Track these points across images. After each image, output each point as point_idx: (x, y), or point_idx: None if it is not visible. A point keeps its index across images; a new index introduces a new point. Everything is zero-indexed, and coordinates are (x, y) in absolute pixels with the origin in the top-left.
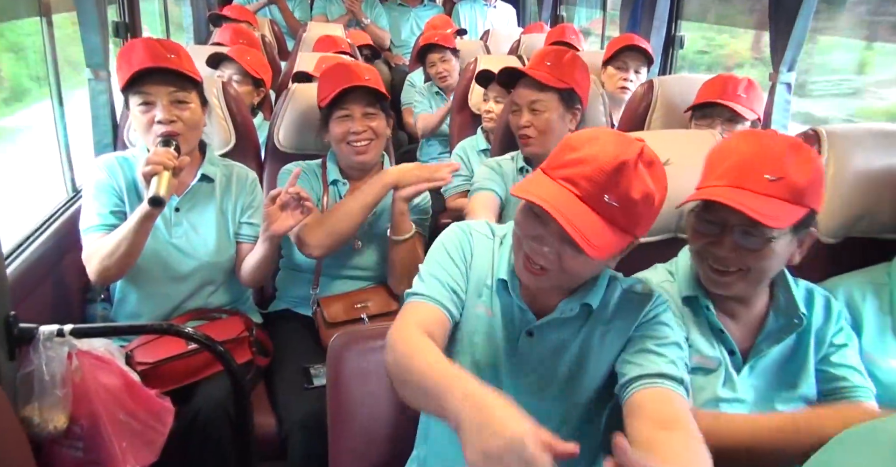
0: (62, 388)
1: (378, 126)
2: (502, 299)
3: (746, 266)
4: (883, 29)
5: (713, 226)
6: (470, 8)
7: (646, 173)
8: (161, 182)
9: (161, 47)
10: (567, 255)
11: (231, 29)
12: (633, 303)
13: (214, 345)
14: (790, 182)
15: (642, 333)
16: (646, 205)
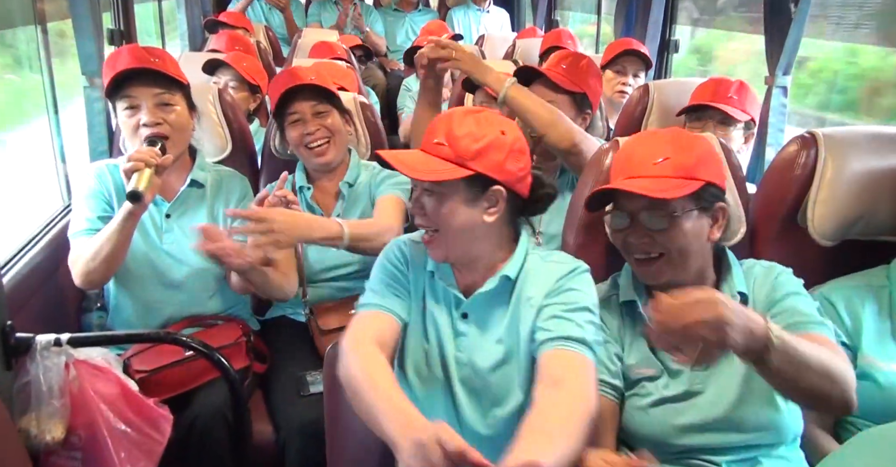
0: (60, 398)
1: (332, 123)
2: (437, 290)
3: (665, 249)
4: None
5: (622, 218)
6: (464, 13)
7: (472, 119)
8: (141, 178)
9: (146, 52)
10: (432, 205)
11: (227, 35)
12: (549, 273)
13: (212, 352)
14: (675, 160)
15: (553, 300)
16: (471, 139)
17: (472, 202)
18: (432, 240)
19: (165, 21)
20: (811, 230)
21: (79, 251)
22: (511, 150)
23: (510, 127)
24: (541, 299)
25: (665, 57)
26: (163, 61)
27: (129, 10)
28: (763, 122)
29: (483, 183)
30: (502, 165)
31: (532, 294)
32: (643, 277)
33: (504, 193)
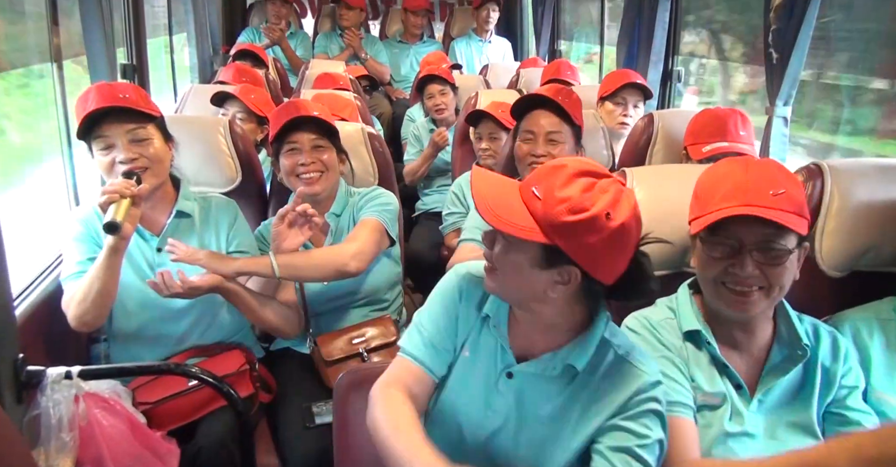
0: (69, 432)
1: (328, 159)
2: (485, 338)
3: (768, 282)
4: None
5: (728, 248)
6: (466, 44)
7: (583, 183)
8: (118, 209)
9: (113, 89)
10: (500, 248)
11: (234, 67)
12: (623, 374)
13: (219, 382)
14: (791, 195)
15: (625, 424)
16: (570, 211)
17: (539, 267)
18: (491, 272)
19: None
20: (819, 261)
21: (70, 293)
22: (608, 237)
23: (623, 209)
24: (604, 410)
25: (668, 86)
26: (132, 96)
27: (142, 45)
28: (765, 152)
29: (560, 257)
30: (590, 248)
31: (593, 391)
32: (733, 308)
33: (579, 276)
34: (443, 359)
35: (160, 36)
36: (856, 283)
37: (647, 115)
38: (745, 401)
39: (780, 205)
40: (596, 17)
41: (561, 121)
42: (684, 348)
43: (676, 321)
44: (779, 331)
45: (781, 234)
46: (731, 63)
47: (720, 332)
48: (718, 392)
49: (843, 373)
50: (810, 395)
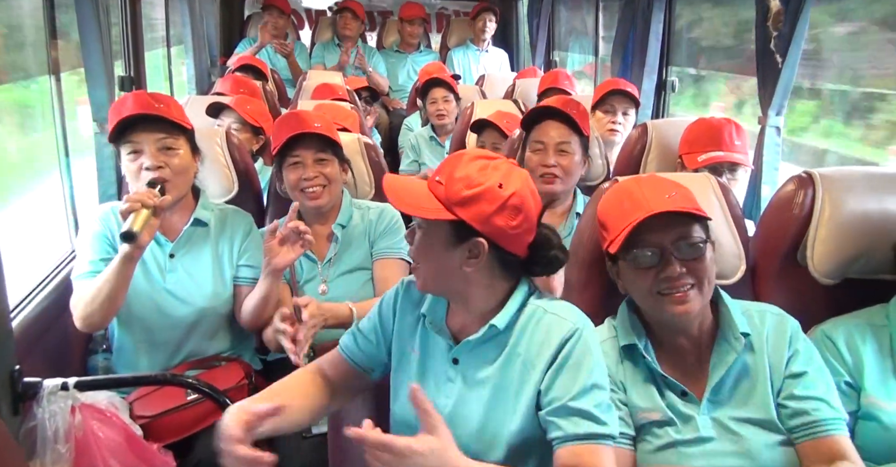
0: (65, 444)
1: (331, 172)
2: (427, 336)
3: (697, 278)
4: None
5: (650, 256)
6: (463, 54)
7: (478, 164)
8: (137, 219)
9: (150, 98)
10: (417, 239)
11: (232, 79)
12: (550, 328)
13: (219, 395)
14: (682, 194)
15: (558, 381)
16: (464, 184)
17: (451, 247)
18: (414, 269)
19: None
20: (811, 269)
21: (80, 293)
22: (504, 205)
23: (514, 180)
24: (538, 365)
25: (662, 96)
26: (167, 107)
27: (140, 57)
28: (758, 161)
29: (467, 231)
30: (489, 218)
31: (524, 350)
32: (672, 311)
33: (486, 246)
34: (367, 351)
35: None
36: (848, 291)
37: (640, 124)
38: (693, 407)
39: (677, 203)
40: (591, 28)
41: (570, 132)
42: (623, 368)
43: (617, 338)
44: (720, 325)
45: (691, 228)
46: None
47: (662, 343)
48: (657, 406)
49: (788, 357)
50: (762, 386)
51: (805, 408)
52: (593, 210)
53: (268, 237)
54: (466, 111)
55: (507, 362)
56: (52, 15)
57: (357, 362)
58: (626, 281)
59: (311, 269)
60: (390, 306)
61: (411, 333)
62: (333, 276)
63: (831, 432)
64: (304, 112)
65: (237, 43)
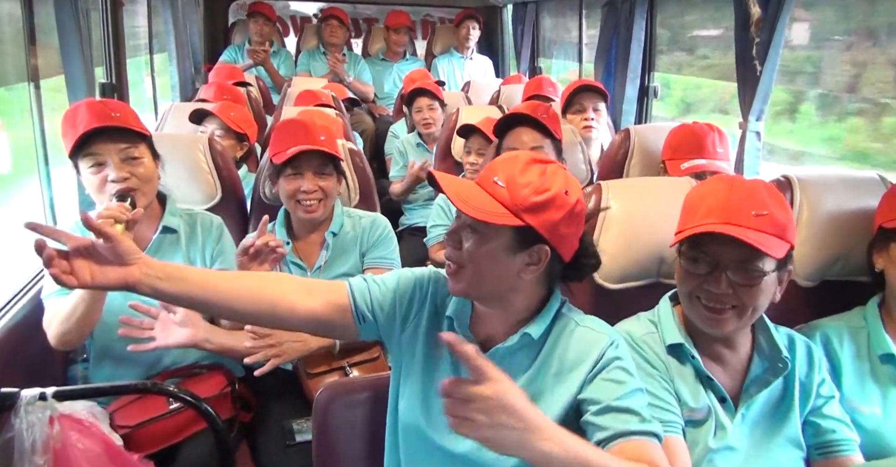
0: (43, 455)
1: (328, 186)
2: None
3: (741, 302)
4: None
5: (704, 264)
6: (448, 61)
7: (537, 169)
8: None
9: (105, 107)
10: (471, 242)
11: (215, 85)
12: (585, 341)
13: (200, 403)
14: (774, 217)
15: (601, 386)
16: (532, 190)
17: (513, 253)
18: (456, 273)
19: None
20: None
21: (52, 312)
22: (570, 213)
23: (575, 187)
24: (573, 377)
25: (644, 102)
26: (124, 115)
27: (122, 64)
28: (738, 166)
29: (531, 237)
30: (557, 225)
31: (557, 361)
32: (705, 324)
33: (549, 253)
34: (377, 320)
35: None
36: (826, 293)
37: (623, 130)
38: (729, 415)
39: (760, 226)
40: (574, 36)
41: (542, 136)
42: (668, 363)
43: (659, 335)
44: (758, 344)
45: (759, 256)
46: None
47: (702, 345)
48: (703, 406)
49: (818, 383)
50: (791, 407)
51: (830, 427)
52: None
53: (239, 252)
54: (452, 117)
55: (539, 372)
56: (32, 20)
57: (360, 311)
58: (677, 274)
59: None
60: (421, 291)
61: (434, 335)
62: (321, 277)
63: (847, 453)
64: (309, 122)
65: (221, 50)
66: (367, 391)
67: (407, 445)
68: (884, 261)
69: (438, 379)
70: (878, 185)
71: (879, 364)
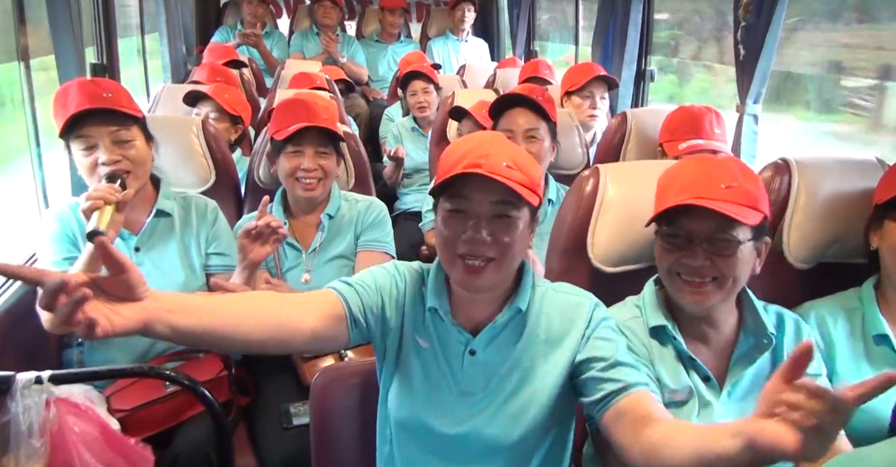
0: (39, 438)
1: (328, 165)
2: (437, 327)
3: (720, 273)
4: None
5: (680, 239)
6: (443, 44)
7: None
8: (102, 216)
9: (97, 87)
10: (505, 231)
11: (208, 67)
12: (569, 306)
13: (196, 385)
14: (744, 188)
15: (598, 345)
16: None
17: (528, 227)
18: (485, 268)
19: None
20: (787, 253)
21: None
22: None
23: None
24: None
25: (641, 86)
26: (116, 96)
27: (112, 44)
28: (736, 149)
29: (534, 208)
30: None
31: (544, 330)
32: (686, 299)
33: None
34: (368, 323)
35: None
36: (822, 275)
37: (620, 113)
38: (714, 393)
39: (730, 197)
40: (571, 18)
41: (538, 118)
42: (651, 347)
43: (643, 319)
44: (744, 321)
45: (732, 225)
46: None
47: (686, 326)
48: (684, 387)
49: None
50: None
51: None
52: (574, 199)
53: (241, 235)
54: (447, 100)
55: (530, 343)
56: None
57: (353, 311)
58: (656, 253)
59: (295, 258)
60: (400, 291)
61: (422, 326)
62: (317, 265)
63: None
64: (310, 101)
65: (213, 31)
66: (363, 375)
67: (399, 432)
68: (878, 239)
69: (430, 368)
70: (875, 168)
71: (873, 345)
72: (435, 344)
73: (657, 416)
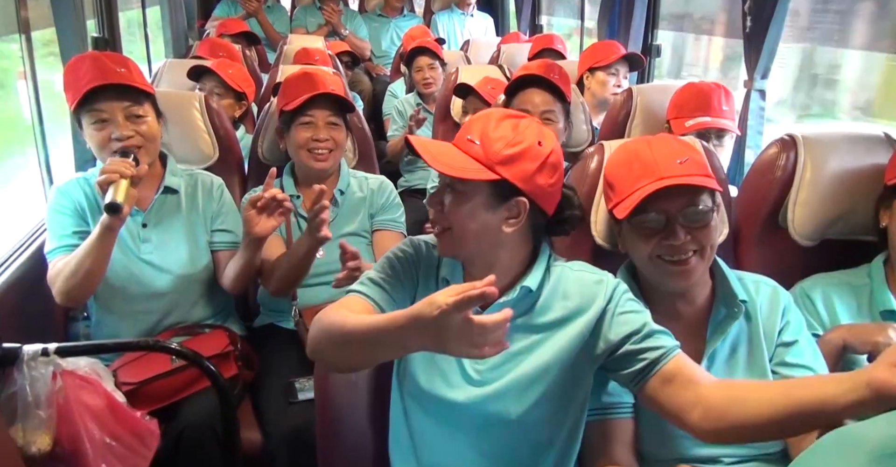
0: (46, 409)
1: (338, 136)
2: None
3: (700, 245)
4: None
5: (657, 221)
6: (448, 18)
7: (510, 123)
8: (118, 189)
9: (109, 61)
10: (451, 203)
11: (210, 42)
12: (587, 283)
13: (202, 360)
14: (694, 159)
15: (627, 319)
16: (504, 143)
17: (492, 208)
18: (441, 235)
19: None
20: (791, 230)
21: (57, 268)
22: (544, 163)
23: (549, 138)
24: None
25: (647, 61)
26: (128, 71)
27: (114, 17)
28: (742, 125)
29: (508, 191)
30: (532, 176)
31: (560, 308)
32: (672, 279)
33: (527, 206)
34: (388, 298)
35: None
36: (827, 252)
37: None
38: None
39: (688, 170)
40: None
41: (554, 99)
42: None
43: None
44: (717, 292)
45: (699, 196)
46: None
47: (659, 306)
48: None
49: (780, 328)
50: (759, 353)
51: (795, 375)
52: (579, 175)
53: (247, 207)
54: (451, 77)
55: (540, 324)
56: None
57: (384, 308)
58: (628, 243)
59: None
60: (413, 266)
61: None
62: (330, 241)
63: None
64: (318, 73)
65: (215, 5)
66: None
67: (411, 402)
68: (888, 218)
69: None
70: (883, 144)
71: (881, 320)
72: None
73: (704, 376)
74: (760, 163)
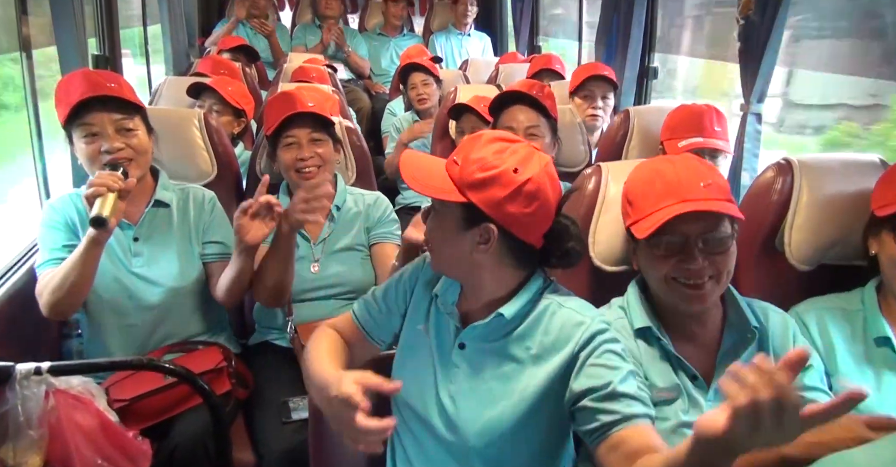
0: (38, 429)
1: (325, 152)
2: (438, 316)
3: (717, 270)
4: None
5: (675, 244)
6: (446, 38)
7: (495, 147)
8: (105, 203)
9: (100, 77)
10: (429, 221)
11: (211, 59)
12: (568, 323)
13: (194, 378)
14: (717, 183)
15: (595, 372)
16: (478, 166)
17: (461, 231)
18: (430, 251)
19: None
20: (788, 255)
21: (44, 281)
22: (517, 191)
23: (531, 166)
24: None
25: (644, 83)
26: (119, 85)
27: (115, 35)
28: (738, 148)
29: (477, 216)
30: (500, 203)
31: (536, 343)
32: (687, 302)
33: (495, 232)
34: (384, 329)
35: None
36: (823, 277)
37: (623, 111)
38: (701, 392)
39: (712, 194)
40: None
41: (538, 115)
42: (636, 347)
43: (627, 320)
44: (728, 317)
45: (720, 222)
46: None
47: (672, 326)
48: (672, 385)
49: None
50: None
51: (813, 399)
52: (576, 196)
53: (238, 214)
54: (449, 96)
55: (515, 354)
56: None
57: (369, 331)
58: (643, 262)
59: (304, 248)
60: (410, 280)
61: (425, 312)
62: (326, 256)
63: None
64: (295, 92)
65: (215, 23)
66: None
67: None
68: (877, 247)
69: (423, 354)
70: (878, 169)
71: (874, 347)
72: (432, 331)
73: (652, 450)
74: (757, 187)
